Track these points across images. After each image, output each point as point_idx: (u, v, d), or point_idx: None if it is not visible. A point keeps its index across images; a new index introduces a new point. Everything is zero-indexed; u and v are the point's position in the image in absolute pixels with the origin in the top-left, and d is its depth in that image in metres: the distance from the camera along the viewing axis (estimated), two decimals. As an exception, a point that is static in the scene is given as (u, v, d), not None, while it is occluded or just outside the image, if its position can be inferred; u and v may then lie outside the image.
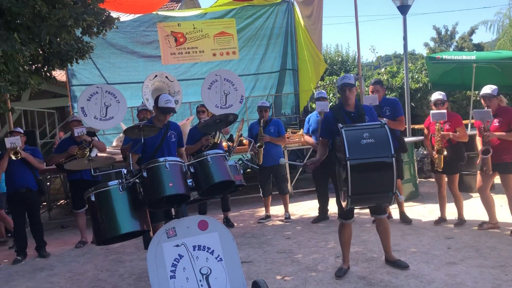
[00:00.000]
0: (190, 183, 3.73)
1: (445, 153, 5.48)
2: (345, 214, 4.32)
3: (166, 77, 7.99)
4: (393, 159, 3.69)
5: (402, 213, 6.11)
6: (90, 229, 6.69)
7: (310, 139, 6.44)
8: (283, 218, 6.87)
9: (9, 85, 4.78)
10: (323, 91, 7.20)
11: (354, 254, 4.86)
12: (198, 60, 10.88)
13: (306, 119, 6.71)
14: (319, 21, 11.12)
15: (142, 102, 7.57)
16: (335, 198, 4.39)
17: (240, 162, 4.34)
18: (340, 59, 21.39)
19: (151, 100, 7.54)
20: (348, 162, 3.65)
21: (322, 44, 12.14)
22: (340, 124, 3.93)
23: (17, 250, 6.08)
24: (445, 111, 5.48)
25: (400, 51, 28.15)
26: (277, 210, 7.28)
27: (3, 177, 6.50)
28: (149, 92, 7.76)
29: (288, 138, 8.37)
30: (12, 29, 4.75)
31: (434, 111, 5.55)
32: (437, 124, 5.51)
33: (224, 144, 8.10)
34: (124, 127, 7.39)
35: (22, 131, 6.35)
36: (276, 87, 11.50)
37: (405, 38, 9.20)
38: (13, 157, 5.76)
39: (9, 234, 7.18)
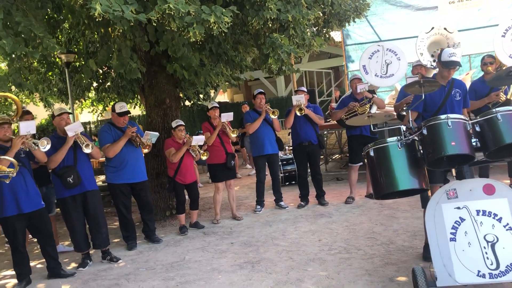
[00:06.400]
0: (475, 143, 3.43)
1: None
2: None
3: (445, 28, 7.39)
4: None
5: None
6: (360, 183, 7.08)
7: None
8: None
9: (296, 48, 5.31)
10: None
11: None
12: (481, 6, 9.70)
13: None
14: None
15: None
16: None
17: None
18: None
19: (426, 54, 7.16)
20: None
21: None
22: None
23: (300, 196, 6.89)
24: None
25: None
26: None
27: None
28: (424, 47, 7.35)
29: None
30: (300, -6, 5.20)
31: None
32: None
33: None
34: (399, 86, 7.28)
35: (305, 90, 7.00)
36: None
37: None
38: (298, 113, 6.46)
39: None
